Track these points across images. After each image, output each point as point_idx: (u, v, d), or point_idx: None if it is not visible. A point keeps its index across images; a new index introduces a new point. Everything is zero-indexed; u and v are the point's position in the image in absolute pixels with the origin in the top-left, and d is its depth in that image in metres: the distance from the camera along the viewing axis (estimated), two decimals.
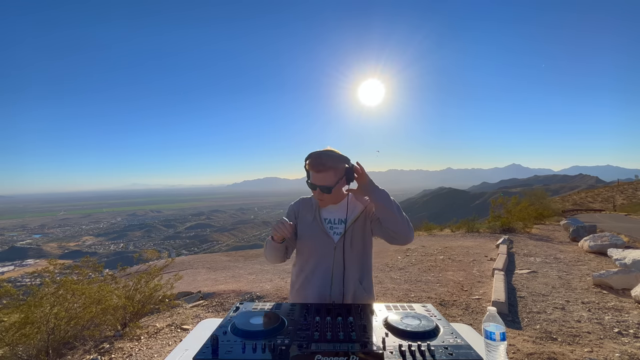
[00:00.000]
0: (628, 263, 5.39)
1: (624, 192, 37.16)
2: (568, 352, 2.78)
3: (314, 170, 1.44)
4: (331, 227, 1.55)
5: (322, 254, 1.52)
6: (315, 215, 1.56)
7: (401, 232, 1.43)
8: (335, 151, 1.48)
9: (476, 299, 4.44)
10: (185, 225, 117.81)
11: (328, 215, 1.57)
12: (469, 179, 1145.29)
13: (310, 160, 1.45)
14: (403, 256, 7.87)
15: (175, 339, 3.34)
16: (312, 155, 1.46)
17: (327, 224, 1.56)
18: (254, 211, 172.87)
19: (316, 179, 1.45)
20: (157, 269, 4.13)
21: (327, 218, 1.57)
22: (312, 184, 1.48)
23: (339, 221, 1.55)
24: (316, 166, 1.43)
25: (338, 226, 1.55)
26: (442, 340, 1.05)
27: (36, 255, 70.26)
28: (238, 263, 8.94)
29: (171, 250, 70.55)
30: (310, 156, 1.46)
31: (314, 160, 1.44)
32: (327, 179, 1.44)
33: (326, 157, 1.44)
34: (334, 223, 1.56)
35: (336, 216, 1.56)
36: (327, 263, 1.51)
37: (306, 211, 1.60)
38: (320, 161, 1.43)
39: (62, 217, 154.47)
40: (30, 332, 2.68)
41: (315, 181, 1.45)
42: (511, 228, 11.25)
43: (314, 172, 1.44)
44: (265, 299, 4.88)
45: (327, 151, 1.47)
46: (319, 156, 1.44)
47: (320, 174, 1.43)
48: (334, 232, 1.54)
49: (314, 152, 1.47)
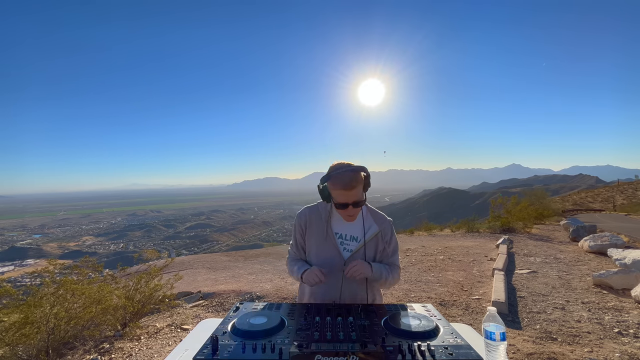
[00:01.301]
0: (628, 263, 5.39)
1: (624, 192, 37.15)
2: (568, 352, 2.78)
3: (343, 189, 1.36)
4: (342, 243, 1.50)
5: (330, 270, 1.47)
6: (327, 229, 1.50)
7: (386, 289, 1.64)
8: (351, 164, 1.42)
9: (476, 299, 4.44)
10: (185, 225, 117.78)
11: (339, 229, 1.51)
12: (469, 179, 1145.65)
13: (337, 181, 1.37)
14: (403, 256, 7.87)
15: (175, 339, 3.34)
16: (336, 174, 1.37)
17: (338, 239, 1.50)
18: (254, 211, 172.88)
19: (347, 197, 1.37)
20: (157, 269, 4.13)
21: (339, 233, 1.51)
22: (342, 204, 1.39)
23: (350, 238, 1.50)
24: (348, 184, 1.35)
25: (349, 242, 1.49)
26: (442, 340, 1.05)
27: (36, 255, 70.26)
28: (238, 263, 8.93)
29: (171, 250, 70.56)
30: (334, 176, 1.37)
31: (342, 179, 1.36)
32: (358, 193, 1.38)
33: (353, 173, 1.36)
34: (344, 239, 1.50)
35: (348, 232, 1.50)
36: (336, 281, 1.47)
37: (316, 223, 1.53)
38: (350, 178, 1.35)
39: (62, 217, 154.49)
40: (30, 332, 2.67)
41: (346, 199, 1.38)
42: (511, 228, 11.26)
43: (343, 191, 1.36)
44: (265, 299, 4.88)
45: (347, 167, 1.39)
46: (345, 174, 1.36)
47: (351, 192, 1.36)
48: (344, 249, 1.49)
49: (336, 170, 1.38)
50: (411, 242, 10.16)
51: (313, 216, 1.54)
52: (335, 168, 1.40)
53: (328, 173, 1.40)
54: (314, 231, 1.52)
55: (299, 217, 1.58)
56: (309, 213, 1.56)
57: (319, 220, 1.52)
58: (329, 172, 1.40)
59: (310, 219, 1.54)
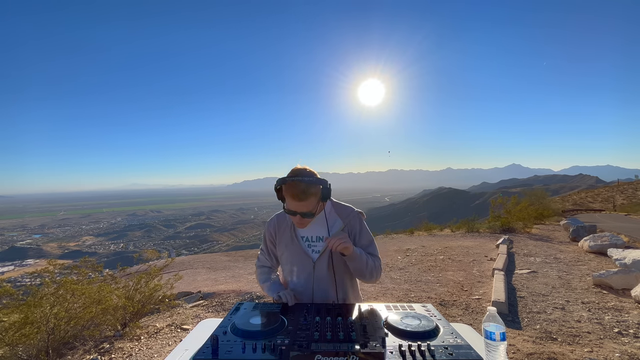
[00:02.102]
0: (628, 263, 5.39)
1: (624, 192, 37.15)
2: (568, 352, 2.78)
3: (294, 200, 1.32)
4: (309, 245, 1.50)
5: (301, 272, 1.49)
6: (292, 234, 1.50)
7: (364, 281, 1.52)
8: (307, 170, 1.38)
9: (476, 299, 4.44)
10: (185, 225, 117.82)
11: (305, 232, 1.51)
12: (469, 179, 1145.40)
13: (288, 189, 1.33)
14: (403, 256, 7.87)
15: (175, 339, 3.34)
16: (289, 183, 1.33)
17: (305, 242, 1.50)
18: (254, 211, 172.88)
19: (297, 207, 1.34)
20: (157, 269, 4.13)
21: (305, 236, 1.51)
22: (291, 211, 1.37)
23: (317, 239, 1.49)
24: (297, 195, 1.31)
25: (316, 244, 1.49)
26: (442, 340, 1.05)
27: (36, 255, 70.28)
28: (238, 263, 8.93)
29: (171, 250, 70.54)
30: (287, 184, 1.33)
31: (293, 189, 1.31)
32: (309, 205, 1.34)
33: (306, 185, 1.31)
34: (311, 241, 1.50)
35: (314, 233, 1.50)
36: (307, 282, 1.49)
37: (283, 230, 1.54)
38: (301, 190, 1.30)
39: (62, 217, 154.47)
40: (30, 332, 2.67)
41: (296, 209, 1.35)
42: (511, 228, 11.26)
43: (294, 201, 1.32)
44: (265, 299, 4.89)
45: (301, 174, 1.34)
46: (298, 184, 1.31)
47: (300, 203, 1.32)
48: (312, 250, 1.49)
49: (290, 179, 1.33)
50: (411, 242, 10.16)
51: (281, 223, 1.55)
52: (294, 173, 1.36)
53: (286, 177, 1.36)
54: (282, 237, 1.54)
55: (268, 225, 1.59)
56: (277, 220, 1.57)
57: (286, 226, 1.54)
58: (288, 176, 1.36)
59: (279, 225, 1.55)
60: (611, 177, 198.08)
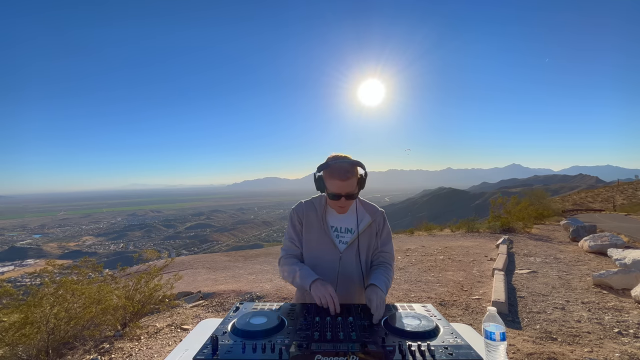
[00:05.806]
0: (628, 263, 5.39)
1: (624, 192, 37.16)
2: (568, 352, 2.78)
3: (338, 179, 1.37)
4: (337, 236, 1.52)
5: (327, 262, 1.50)
6: (322, 223, 1.52)
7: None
8: (349, 157, 1.43)
9: (476, 299, 4.44)
10: (185, 225, 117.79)
11: (334, 222, 1.53)
12: (469, 179, 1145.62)
13: (334, 170, 1.38)
14: (403, 256, 7.87)
15: (175, 339, 3.34)
16: (333, 163, 1.39)
17: (334, 232, 1.52)
18: (254, 211, 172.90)
19: (342, 187, 1.38)
20: (157, 269, 4.13)
21: (334, 226, 1.53)
22: (335, 194, 1.41)
23: (345, 230, 1.52)
24: (342, 174, 1.37)
25: (344, 235, 1.52)
26: (442, 340, 1.05)
27: (36, 255, 70.27)
28: (238, 263, 8.93)
29: (171, 250, 70.55)
30: (331, 165, 1.39)
31: (338, 169, 1.38)
32: (353, 185, 1.40)
33: (349, 164, 1.39)
34: (340, 231, 1.52)
35: (343, 224, 1.53)
36: (332, 272, 1.50)
37: (311, 217, 1.54)
38: (346, 169, 1.38)
39: (62, 217, 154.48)
40: (30, 332, 2.67)
41: (340, 190, 1.39)
42: (511, 228, 11.26)
43: (338, 181, 1.37)
44: (265, 299, 4.88)
45: (345, 158, 1.41)
46: (342, 165, 1.38)
47: (346, 182, 1.38)
48: (340, 241, 1.51)
49: (334, 161, 1.40)
50: (411, 242, 10.16)
51: (309, 210, 1.55)
52: (333, 158, 1.42)
53: (326, 162, 1.42)
54: (310, 225, 1.54)
55: (296, 211, 1.57)
56: (306, 207, 1.57)
57: (315, 215, 1.54)
58: (326, 162, 1.42)
59: (307, 212, 1.55)
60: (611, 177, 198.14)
